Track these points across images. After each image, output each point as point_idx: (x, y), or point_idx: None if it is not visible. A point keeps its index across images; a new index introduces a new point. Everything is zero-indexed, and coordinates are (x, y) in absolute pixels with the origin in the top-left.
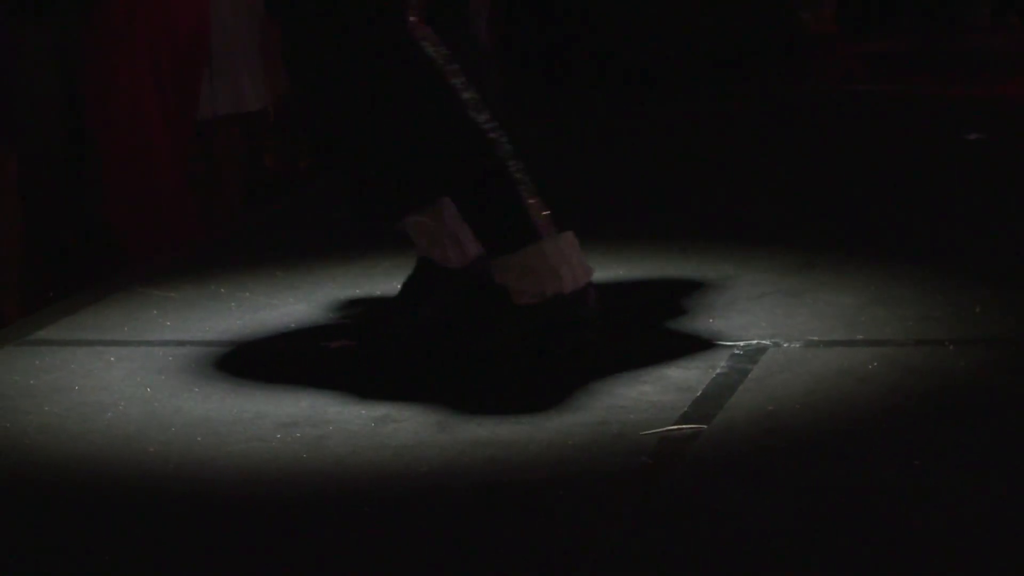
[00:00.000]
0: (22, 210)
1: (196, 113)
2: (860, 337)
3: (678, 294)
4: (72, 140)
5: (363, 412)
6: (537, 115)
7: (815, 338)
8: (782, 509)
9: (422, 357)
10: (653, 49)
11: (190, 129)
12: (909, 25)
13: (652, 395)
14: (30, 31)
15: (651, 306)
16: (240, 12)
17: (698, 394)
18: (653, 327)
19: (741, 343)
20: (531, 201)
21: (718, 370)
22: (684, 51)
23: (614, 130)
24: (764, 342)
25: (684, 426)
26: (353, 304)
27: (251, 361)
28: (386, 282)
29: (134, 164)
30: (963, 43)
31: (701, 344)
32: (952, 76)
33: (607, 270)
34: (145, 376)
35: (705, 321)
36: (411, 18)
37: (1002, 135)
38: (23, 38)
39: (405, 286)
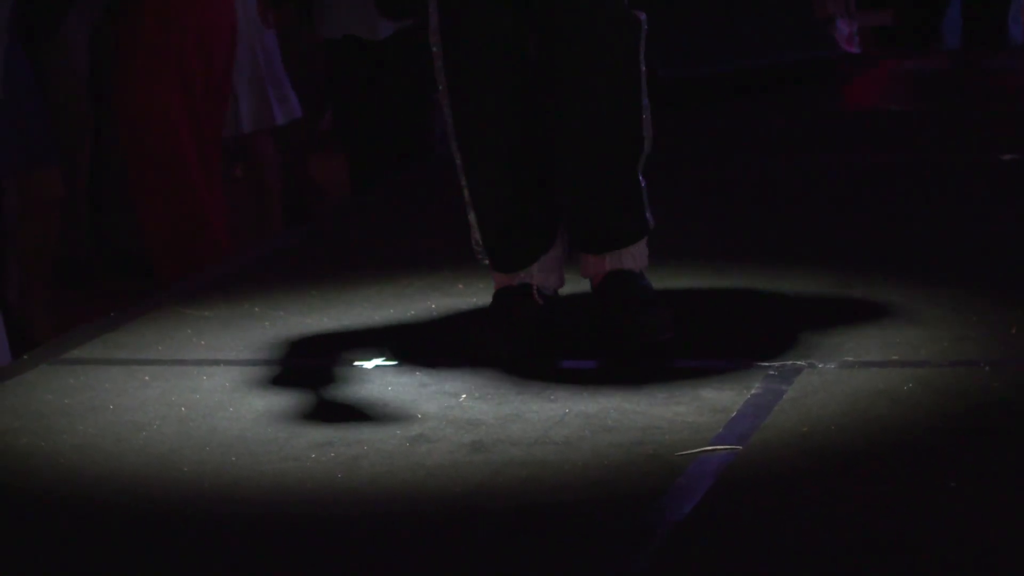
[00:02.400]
0: (58, 227)
1: (226, 130)
2: (895, 358)
3: (712, 314)
4: (99, 154)
5: (397, 432)
6: None
7: (850, 359)
8: (817, 530)
9: (455, 376)
10: (686, 65)
11: (219, 146)
12: (941, 45)
13: (687, 416)
14: (66, 30)
15: (686, 326)
16: (261, 25)
17: (733, 415)
18: (688, 347)
19: (776, 364)
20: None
21: (753, 391)
22: (718, 68)
23: None
24: (799, 363)
25: (719, 447)
26: (387, 323)
27: (285, 381)
28: (419, 301)
29: (163, 181)
30: (998, 62)
31: (736, 365)
32: (987, 96)
33: None
34: (179, 395)
35: (740, 341)
36: (641, 15)
37: None
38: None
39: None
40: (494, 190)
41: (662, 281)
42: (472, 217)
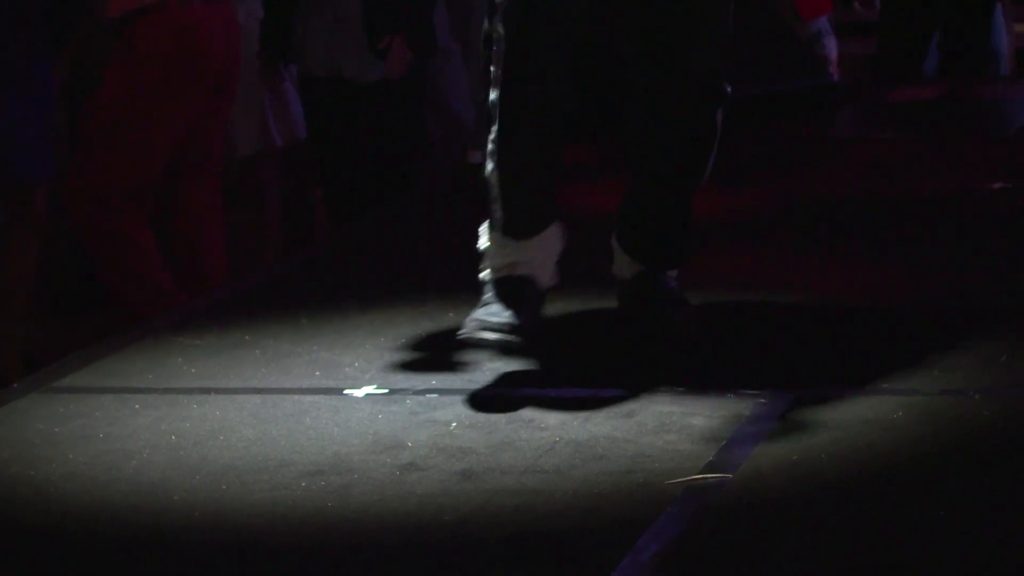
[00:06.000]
0: (37, 249)
1: (226, 153)
2: (885, 386)
3: (702, 342)
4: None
5: (388, 460)
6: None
7: (840, 387)
8: (808, 559)
9: (445, 404)
10: None
11: (215, 174)
12: (936, 74)
13: (677, 444)
14: None
15: (675, 354)
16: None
17: (723, 443)
18: (677, 375)
19: (766, 392)
20: None
21: (743, 419)
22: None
23: None
24: (789, 391)
25: (709, 475)
26: (377, 351)
27: (276, 409)
28: (410, 329)
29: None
30: (988, 92)
31: (726, 393)
32: (976, 123)
33: None
34: (170, 424)
35: (730, 369)
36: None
37: None
38: None
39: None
40: (527, 158)
41: None
42: (495, 178)
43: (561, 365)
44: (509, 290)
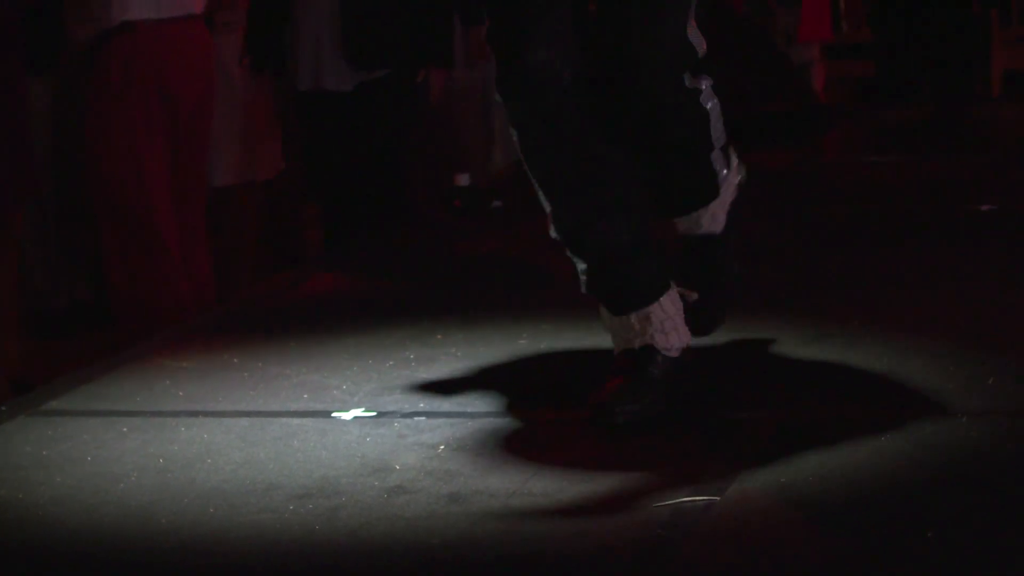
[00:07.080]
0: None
1: (207, 180)
2: (874, 408)
3: (690, 365)
4: (66, 201)
5: (376, 484)
6: None
7: (828, 409)
8: None
9: (433, 427)
10: None
11: (200, 195)
12: (922, 96)
13: (665, 467)
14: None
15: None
16: (247, 75)
17: (711, 465)
18: (665, 398)
19: (754, 414)
20: None
21: (731, 441)
22: None
23: None
24: (777, 413)
25: (697, 498)
26: (365, 374)
27: (264, 432)
28: (398, 352)
29: (129, 236)
30: (974, 114)
31: (714, 414)
32: (964, 147)
33: None
34: (158, 447)
35: (719, 391)
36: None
37: (1014, 206)
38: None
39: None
40: (584, 229)
41: None
42: (576, 261)
43: (549, 388)
44: (629, 369)
